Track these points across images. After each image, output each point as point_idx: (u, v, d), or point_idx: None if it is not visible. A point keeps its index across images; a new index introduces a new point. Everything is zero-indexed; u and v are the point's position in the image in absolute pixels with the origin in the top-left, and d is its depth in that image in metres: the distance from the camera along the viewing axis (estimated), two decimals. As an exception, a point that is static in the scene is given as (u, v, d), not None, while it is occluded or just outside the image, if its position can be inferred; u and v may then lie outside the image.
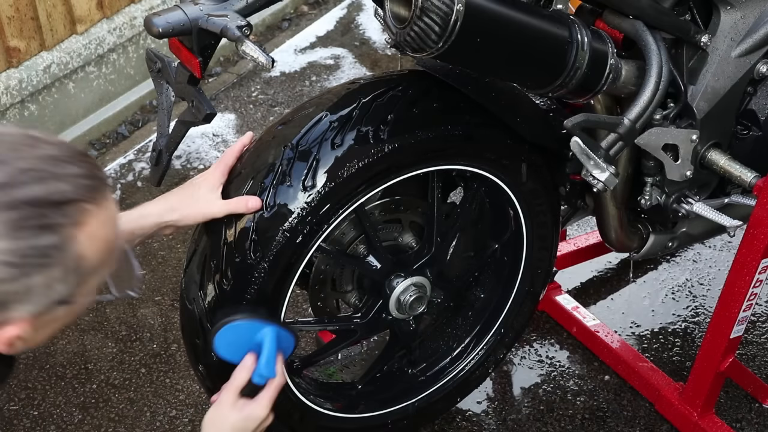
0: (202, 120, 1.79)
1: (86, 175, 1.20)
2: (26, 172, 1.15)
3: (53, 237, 1.16)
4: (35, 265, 1.16)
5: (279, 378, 1.63)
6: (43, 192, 1.15)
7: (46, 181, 1.15)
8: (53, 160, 1.17)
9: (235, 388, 1.60)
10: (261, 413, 1.59)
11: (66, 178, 1.17)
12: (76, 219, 1.18)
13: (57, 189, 1.16)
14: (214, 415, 1.60)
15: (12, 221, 1.13)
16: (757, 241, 1.95)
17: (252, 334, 1.63)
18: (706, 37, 1.88)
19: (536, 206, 2.02)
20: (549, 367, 2.51)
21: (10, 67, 3.08)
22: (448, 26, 1.52)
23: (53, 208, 1.16)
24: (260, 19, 3.99)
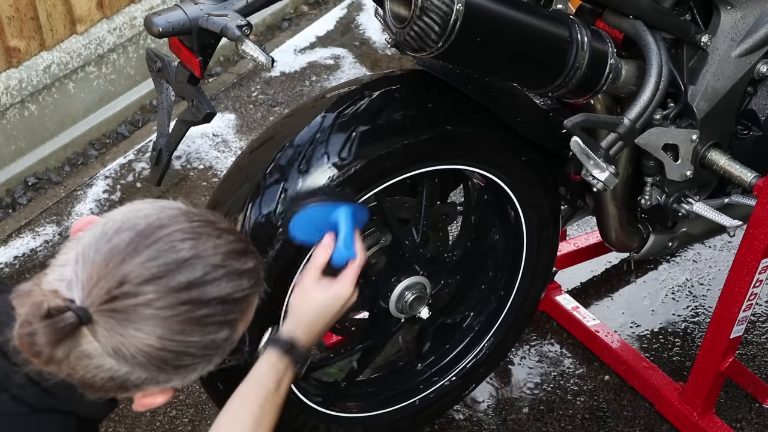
0: (202, 119, 1.79)
1: (256, 269, 1.28)
2: (217, 268, 1.21)
3: (228, 331, 1.24)
4: (209, 354, 1.24)
5: (359, 256, 1.61)
6: (230, 289, 1.22)
7: (232, 278, 1.22)
8: (236, 255, 1.24)
9: (317, 268, 1.59)
10: (346, 291, 1.58)
11: (245, 275, 1.25)
12: (245, 311, 1.27)
13: (240, 286, 1.24)
14: (300, 297, 1.60)
15: (202, 317, 1.20)
16: (757, 241, 1.95)
17: (327, 216, 1.62)
18: (706, 37, 1.88)
19: (536, 206, 2.02)
20: (549, 367, 2.51)
21: (10, 67, 3.08)
22: (447, 26, 1.52)
23: (234, 305, 1.24)
24: (260, 19, 3.99)
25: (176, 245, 1.19)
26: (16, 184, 3.16)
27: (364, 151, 1.72)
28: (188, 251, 1.19)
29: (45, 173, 3.21)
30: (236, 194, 1.77)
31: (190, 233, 1.21)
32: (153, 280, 1.16)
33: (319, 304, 1.58)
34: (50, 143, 3.26)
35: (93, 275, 1.16)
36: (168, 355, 1.18)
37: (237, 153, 3.26)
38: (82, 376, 1.18)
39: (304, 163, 1.72)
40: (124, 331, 1.15)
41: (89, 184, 3.17)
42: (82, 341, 1.16)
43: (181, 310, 1.17)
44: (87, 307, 1.14)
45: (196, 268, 1.19)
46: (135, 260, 1.16)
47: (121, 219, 1.21)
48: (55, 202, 3.09)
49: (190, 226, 1.22)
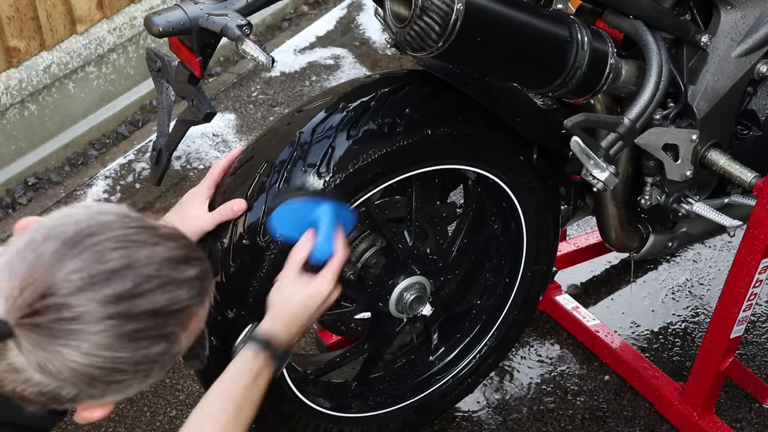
0: (202, 119, 1.79)
1: (199, 277, 1.20)
2: (151, 279, 1.14)
3: (165, 345, 1.17)
4: (143, 370, 1.17)
5: (340, 253, 1.59)
6: (164, 301, 1.15)
7: (167, 289, 1.15)
8: (174, 264, 1.16)
9: (296, 265, 1.57)
10: (325, 288, 1.57)
11: (183, 284, 1.17)
12: (185, 323, 1.19)
13: (176, 298, 1.16)
14: (278, 294, 1.58)
15: (133, 332, 1.13)
16: (757, 241, 1.95)
17: (309, 213, 1.61)
18: (706, 37, 1.88)
19: (536, 206, 2.02)
20: (549, 367, 2.51)
21: (10, 67, 3.08)
22: (448, 26, 1.52)
23: (170, 317, 1.16)
24: (260, 18, 3.99)
25: (105, 255, 1.12)
26: (16, 184, 3.16)
27: (363, 151, 1.72)
28: (117, 261, 1.12)
29: (45, 173, 3.21)
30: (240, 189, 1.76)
31: (122, 242, 1.14)
32: (78, 293, 1.09)
33: (298, 300, 1.57)
34: (50, 143, 3.26)
35: (16, 286, 1.09)
36: (96, 372, 1.12)
37: (237, 153, 3.26)
38: (13, 390, 1.12)
39: (304, 162, 1.72)
40: (49, 346, 1.09)
41: (89, 184, 3.17)
42: (8, 355, 1.10)
43: (108, 325, 1.10)
44: (8, 321, 1.08)
45: (125, 280, 1.11)
46: (60, 271, 1.09)
47: (51, 225, 1.14)
48: (55, 202, 3.09)
49: (124, 234, 1.15)
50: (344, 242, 1.62)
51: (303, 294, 1.57)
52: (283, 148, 1.73)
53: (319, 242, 1.59)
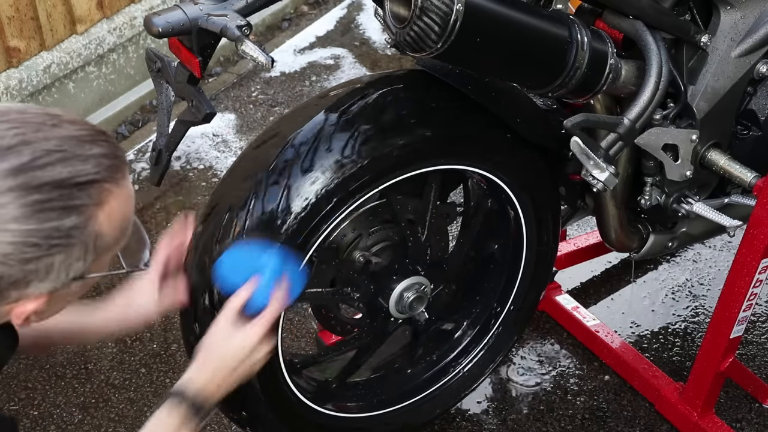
0: (201, 119, 1.79)
1: (108, 155, 1.20)
2: (51, 153, 1.15)
3: (76, 218, 1.17)
4: (57, 245, 1.17)
5: (276, 304, 1.52)
6: (67, 173, 1.15)
7: (71, 162, 1.16)
8: (77, 141, 1.18)
9: (232, 311, 1.51)
10: (251, 339, 1.50)
11: (89, 159, 1.17)
12: (98, 199, 1.19)
13: (81, 170, 1.17)
14: (207, 337, 1.52)
15: (36, 202, 1.14)
16: (757, 241, 1.95)
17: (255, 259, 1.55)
18: (706, 37, 1.88)
19: (536, 206, 2.02)
20: (549, 367, 2.51)
21: (10, 67, 3.08)
22: (447, 26, 1.52)
23: (77, 189, 1.16)
24: (260, 19, 3.99)
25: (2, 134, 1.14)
26: (16, 184, 3.15)
27: (363, 151, 1.72)
28: (13, 138, 1.14)
29: (45, 173, 3.21)
30: (237, 192, 1.76)
31: (19, 123, 1.16)
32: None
33: (224, 349, 1.50)
34: (50, 143, 3.25)
35: None
36: (9, 248, 1.13)
37: (237, 153, 3.26)
38: None
39: (305, 163, 1.71)
40: None
41: (89, 184, 3.17)
42: None
43: (10, 198, 1.12)
44: None
45: (22, 154, 1.13)
46: None
47: None
48: (55, 202, 3.09)
49: (22, 117, 1.17)
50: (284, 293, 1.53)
51: (230, 343, 1.50)
52: (279, 150, 1.73)
53: (259, 290, 1.51)
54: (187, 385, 1.47)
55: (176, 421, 1.44)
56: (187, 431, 1.44)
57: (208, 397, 1.48)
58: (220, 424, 2.32)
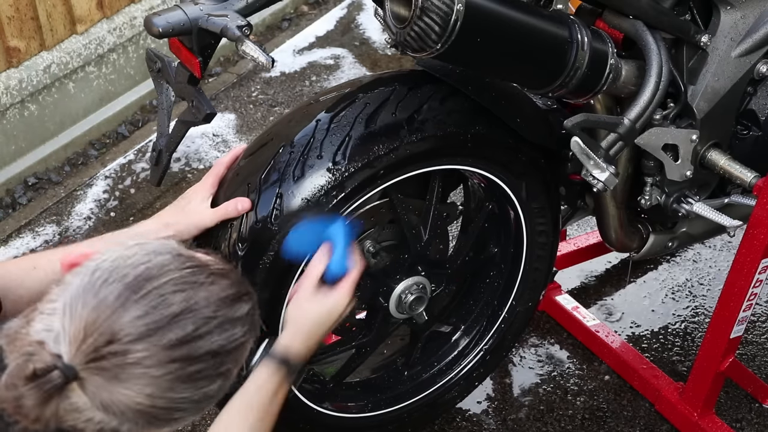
0: (201, 120, 1.79)
1: (250, 313, 1.26)
2: (209, 321, 1.18)
3: (221, 381, 1.23)
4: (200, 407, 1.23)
5: (356, 266, 1.61)
6: (223, 341, 1.20)
7: (225, 328, 1.20)
8: (229, 302, 1.21)
9: (313, 280, 1.58)
10: (342, 303, 1.58)
11: (238, 323, 1.22)
12: (239, 358, 1.25)
13: (233, 336, 1.21)
14: (296, 309, 1.59)
15: (194, 373, 1.18)
16: (757, 241, 1.95)
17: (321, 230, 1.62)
18: (706, 37, 1.88)
19: (536, 206, 2.02)
20: (549, 367, 2.51)
21: (10, 67, 3.08)
22: (448, 26, 1.52)
23: (227, 356, 1.22)
24: (260, 19, 3.99)
25: (167, 298, 1.16)
26: (16, 184, 3.16)
27: (363, 152, 1.72)
28: (179, 305, 1.16)
29: (45, 173, 3.21)
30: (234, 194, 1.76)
31: (181, 284, 1.18)
32: (143, 339, 1.14)
33: (316, 315, 1.57)
34: (50, 143, 3.26)
35: (81, 330, 1.13)
36: (158, 412, 1.17)
37: (237, 153, 3.26)
38: (73, 426, 1.16)
39: (303, 164, 1.71)
40: (113, 388, 1.13)
41: (89, 184, 3.17)
42: (71, 395, 1.13)
43: (172, 368, 1.15)
44: (75, 366, 1.12)
45: (187, 324, 1.16)
46: (124, 317, 1.13)
47: (110, 268, 1.17)
48: (55, 202, 3.09)
49: (181, 276, 1.18)
50: (359, 256, 1.63)
51: (321, 309, 1.57)
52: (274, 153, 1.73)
53: (335, 257, 1.60)
54: (286, 351, 1.54)
55: (278, 380, 1.51)
56: (283, 390, 1.52)
57: (304, 359, 1.57)
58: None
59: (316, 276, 1.59)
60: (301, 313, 1.58)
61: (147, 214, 3.00)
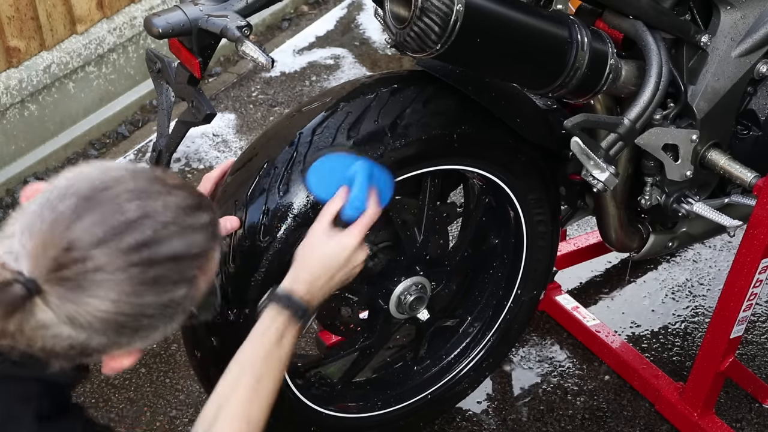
0: (201, 120, 1.79)
1: (213, 222, 1.25)
2: (168, 226, 1.18)
3: (186, 288, 1.21)
4: (167, 315, 1.21)
5: (371, 211, 1.58)
6: (183, 246, 1.19)
7: (185, 234, 1.19)
8: (188, 210, 1.21)
9: (326, 219, 1.56)
10: (351, 242, 1.54)
11: (200, 230, 1.21)
12: (204, 266, 1.23)
13: (194, 242, 1.20)
14: (304, 247, 1.56)
15: (156, 277, 1.17)
16: (757, 241, 1.95)
17: (345, 170, 1.60)
18: (706, 37, 1.88)
19: (536, 206, 2.02)
20: (549, 367, 2.51)
21: (10, 67, 3.08)
22: (447, 26, 1.52)
23: (190, 261, 1.21)
24: (260, 19, 3.99)
25: (123, 206, 1.16)
26: (16, 184, 3.16)
27: (363, 152, 1.72)
28: (135, 211, 1.16)
29: (45, 173, 3.21)
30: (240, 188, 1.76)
31: (137, 193, 1.18)
32: (101, 244, 1.13)
33: (323, 253, 1.54)
34: (50, 143, 3.26)
35: (39, 245, 1.13)
36: (125, 319, 1.16)
37: (237, 153, 3.26)
38: (42, 346, 1.16)
39: (304, 163, 1.71)
40: (77, 298, 1.13)
41: (89, 184, 3.17)
42: (35, 311, 1.13)
43: (133, 273, 1.14)
44: (35, 278, 1.12)
45: (144, 228, 1.15)
46: (80, 225, 1.13)
47: (65, 185, 1.18)
48: (55, 202, 3.09)
49: (136, 186, 1.18)
50: (376, 201, 1.59)
51: (328, 247, 1.54)
52: (282, 149, 1.72)
53: (352, 198, 1.57)
54: (289, 290, 1.51)
55: (280, 325, 1.48)
56: (290, 334, 1.49)
57: (310, 302, 1.53)
58: (221, 424, 2.32)
59: (331, 214, 1.56)
60: (307, 252, 1.55)
61: (154, 166, 3.00)
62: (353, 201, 1.58)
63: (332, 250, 1.54)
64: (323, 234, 1.56)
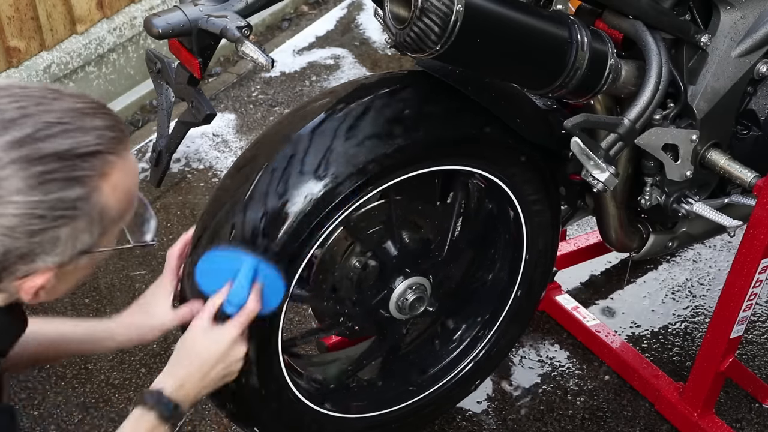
0: (201, 120, 1.79)
1: (110, 127, 1.22)
2: (52, 125, 1.16)
3: (80, 189, 1.18)
4: (63, 217, 1.18)
5: (250, 305, 1.55)
6: (69, 144, 1.16)
7: (72, 134, 1.17)
8: (78, 113, 1.19)
9: (207, 313, 1.53)
10: (226, 336, 1.51)
11: (91, 131, 1.19)
12: (101, 170, 1.20)
13: (83, 141, 1.18)
14: (183, 338, 1.54)
15: (40, 174, 1.15)
16: (757, 241, 1.95)
17: (234, 267, 1.57)
18: (706, 37, 1.88)
19: (536, 207, 2.02)
20: (549, 367, 2.51)
21: (10, 67, 3.08)
22: (447, 27, 1.52)
23: (80, 161, 1.17)
24: (260, 19, 3.99)
25: (3, 108, 1.15)
26: (16, 184, 3.15)
27: (363, 151, 1.72)
28: (15, 111, 1.15)
29: (45, 173, 3.21)
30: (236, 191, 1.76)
31: (20, 96, 1.17)
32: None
33: (198, 348, 1.51)
34: (50, 143, 3.26)
35: None
36: (14, 221, 1.14)
37: (237, 153, 3.26)
38: None
39: (302, 163, 1.71)
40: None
41: (89, 185, 3.17)
42: None
43: (13, 170, 1.13)
44: None
45: (24, 126, 1.14)
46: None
47: None
48: (55, 202, 3.09)
49: (23, 92, 1.18)
50: (259, 296, 1.56)
51: (204, 341, 1.51)
52: (280, 149, 1.73)
53: (232, 293, 1.55)
54: (160, 387, 1.48)
55: (150, 422, 1.45)
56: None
57: (184, 399, 1.49)
58: (220, 424, 2.32)
59: (210, 311, 1.54)
60: (183, 346, 1.53)
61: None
62: (233, 296, 1.55)
63: (208, 344, 1.51)
64: (201, 329, 1.53)
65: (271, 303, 1.62)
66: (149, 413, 1.46)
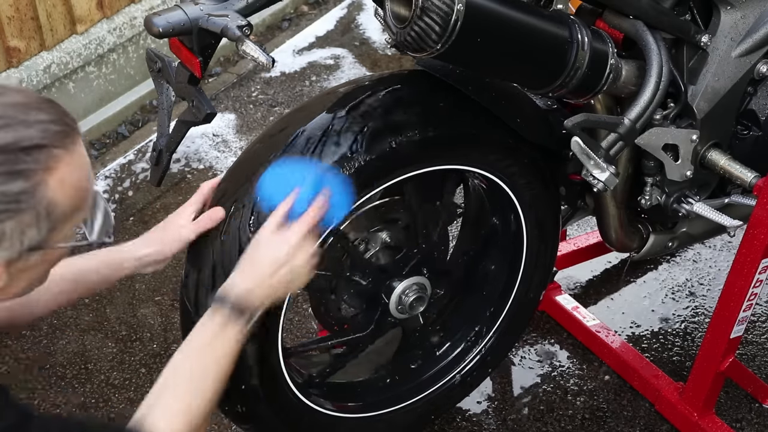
0: (202, 120, 1.79)
1: (54, 121, 1.21)
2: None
3: (23, 183, 1.17)
4: (5, 211, 1.16)
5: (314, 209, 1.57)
6: (11, 138, 1.16)
7: (14, 128, 1.16)
8: (21, 107, 1.18)
9: (274, 219, 1.56)
10: (291, 238, 1.54)
11: (34, 125, 1.18)
12: (46, 164, 1.18)
13: (25, 135, 1.17)
14: (251, 243, 1.57)
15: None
16: (757, 241, 1.95)
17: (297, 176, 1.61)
18: (706, 37, 1.88)
19: (536, 206, 2.02)
20: (549, 367, 2.51)
21: (10, 67, 3.08)
22: (448, 26, 1.52)
23: (22, 154, 1.16)
24: (260, 19, 3.99)
25: None
26: (17, 184, 3.15)
27: (364, 150, 1.72)
28: None
29: (45, 173, 3.21)
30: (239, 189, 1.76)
31: None
32: None
33: (263, 252, 1.54)
34: (50, 143, 3.25)
35: None
36: None
37: (237, 153, 3.26)
38: None
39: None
40: None
41: (89, 184, 3.17)
42: None
43: None
44: None
45: None
46: None
47: None
48: (55, 202, 3.09)
49: None
50: (325, 201, 1.59)
51: (268, 247, 1.54)
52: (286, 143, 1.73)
53: (300, 201, 1.57)
54: (228, 289, 1.51)
55: (219, 322, 1.47)
56: (232, 332, 1.48)
57: (251, 299, 1.51)
58: (220, 425, 2.32)
59: (277, 218, 1.56)
60: (251, 250, 1.56)
61: (146, 215, 3.01)
62: (301, 202, 1.58)
63: (272, 249, 1.54)
64: (265, 235, 1.56)
65: (337, 213, 1.63)
66: (222, 310, 1.48)
